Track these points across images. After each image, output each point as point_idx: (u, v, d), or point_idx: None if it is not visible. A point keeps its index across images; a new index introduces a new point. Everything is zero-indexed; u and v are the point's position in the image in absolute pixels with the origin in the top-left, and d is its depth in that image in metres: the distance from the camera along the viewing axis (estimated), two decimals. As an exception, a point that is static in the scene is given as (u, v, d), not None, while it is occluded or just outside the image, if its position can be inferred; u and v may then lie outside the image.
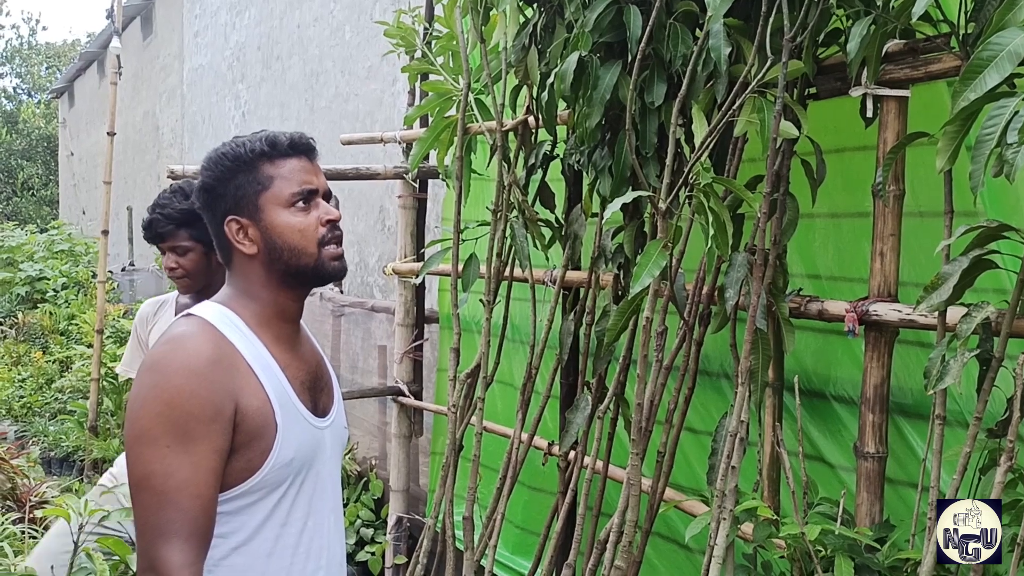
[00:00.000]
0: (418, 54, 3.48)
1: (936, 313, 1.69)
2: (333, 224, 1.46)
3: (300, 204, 1.45)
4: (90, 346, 5.80)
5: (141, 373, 1.34)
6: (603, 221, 2.24)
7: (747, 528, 1.95)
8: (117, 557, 1.81)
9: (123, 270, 10.43)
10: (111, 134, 5.32)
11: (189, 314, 1.43)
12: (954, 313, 1.65)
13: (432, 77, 3.28)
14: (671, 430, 2.16)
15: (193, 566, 1.27)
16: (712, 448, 1.93)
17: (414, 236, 3.65)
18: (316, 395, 1.50)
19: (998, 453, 1.60)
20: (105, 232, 5.41)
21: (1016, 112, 1.44)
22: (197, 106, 9.93)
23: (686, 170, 1.90)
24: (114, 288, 9.17)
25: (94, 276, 8.67)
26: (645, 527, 2.18)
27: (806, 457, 2.15)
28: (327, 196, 1.49)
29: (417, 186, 3.66)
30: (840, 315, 1.89)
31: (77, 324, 7.53)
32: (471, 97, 3.00)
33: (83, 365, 6.36)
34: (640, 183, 2.12)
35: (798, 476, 1.94)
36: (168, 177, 3.39)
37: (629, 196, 1.88)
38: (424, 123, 3.54)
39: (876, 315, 1.83)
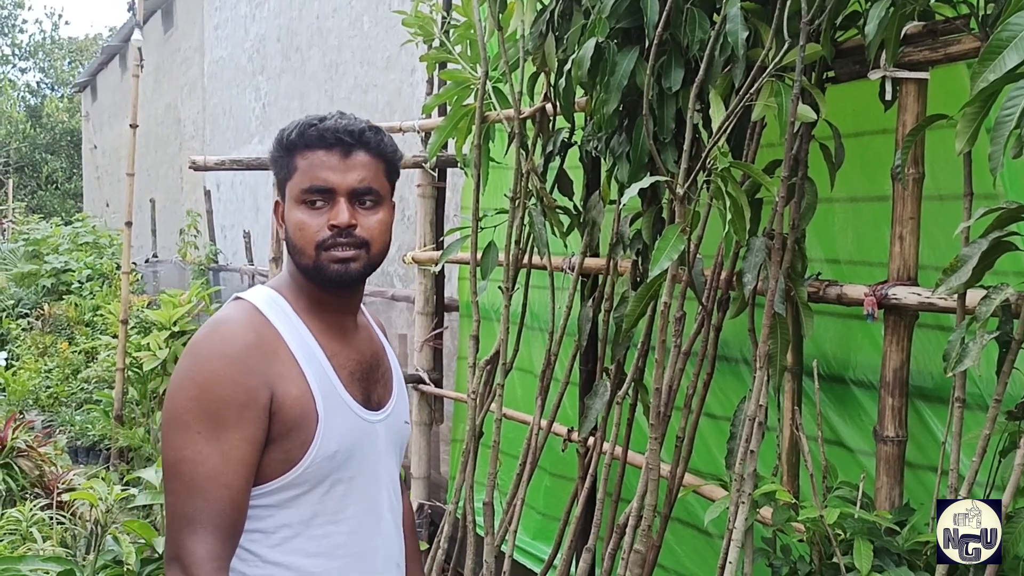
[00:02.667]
0: (436, 43, 3.49)
1: (955, 296, 1.68)
2: (339, 230, 1.32)
3: (312, 202, 1.33)
4: (115, 336, 5.88)
5: (181, 356, 1.33)
6: (620, 207, 2.24)
7: (766, 512, 1.96)
8: (143, 540, 1.85)
9: (146, 262, 10.54)
10: (133, 126, 5.37)
11: (238, 297, 1.39)
12: (973, 296, 1.64)
13: (450, 66, 3.29)
14: (690, 415, 2.17)
15: (217, 560, 1.22)
16: (731, 432, 1.93)
17: (433, 225, 3.67)
18: (369, 387, 1.42)
19: (1018, 436, 1.59)
20: (129, 224, 5.48)
21: (1036, 93, 1.43)
22: (218, 98, 10.00)
23: (704, 155, 1.90)
24: (138, 279, 9.28)
25: (118, 268, 8.76)
26: (664, 512, 2.19)
27: (825, 442, 2.15)
28: (357, 194, 1.34)
29: (436, 175, 3.68)
30: (859, 299, 1.89)
31: (102, 315, 7.62)
32: (489, 85, 3.01)
33: (108, 355, 6.45)
34: (658, 169, 2.13)
35: (817, 460, 1.94)
36: (190, 167, 3.43)
37: (647, 181, 1.88)
38: (442, 112, 3.56)
39: (895, 299, 1.83)
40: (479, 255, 2.75)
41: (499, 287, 2.68)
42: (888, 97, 1.88)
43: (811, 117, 1.84)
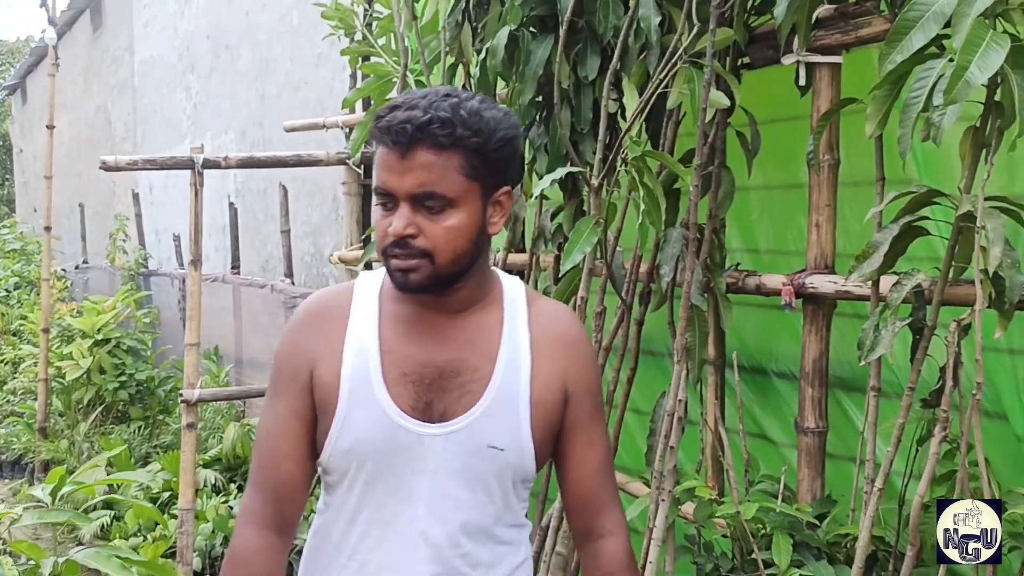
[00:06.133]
0: (358, 36, 3.40)
1: (870, 283, 1.66)
2: (395, 240, 1.19)
3: (379, 204, 1.21)
4: (37, 346, 5.66)
5: None
6: (532, 199, 2.18)
7: (689, 508, 1.92)
8: (33, 561, 1.73)
9: (76, 268, 10.22)
10: (50, 127, 5.17)
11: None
12: (887, 283, 1.61)
13: (373, 59, 3.20)
14: (612, 412, 2.12)
15: (255, 514, 1.28)
16: (650, 428, 1.89)
17: (359, 223, 3.58)
18: (432, 394, 1.25)
19: (933, 424, 1.57)
20: (48, 228, 5.27)
21: (942, 74, 1.41)
22: (149, 99, 9.73)
23: (616, 145, 1.85)
24: (67, 287, 8.97)
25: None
26: (589, 511, 2.13)
27: (749, 434, 2.12)
28: (419, 199, 1.18)
29: (362, 172, 3.59)
30: (777, 289, 1.86)
31: (29, 324, 7.35)
32: (411, 78, 2.93)
33: (31, 365, 6.22)
34: (577, 160, 2.07)
35: (738, 454, 1.90)
36: (100, 168, 3.29)
37: (559, 173, 1.83)
38: (367, 107, 3.47)
39: (812, 287, 1.80)
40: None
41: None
42: (802, 82, 1.85)
43: (724, 103, 1.80)
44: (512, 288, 1.34)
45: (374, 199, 1.23)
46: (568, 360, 1.32)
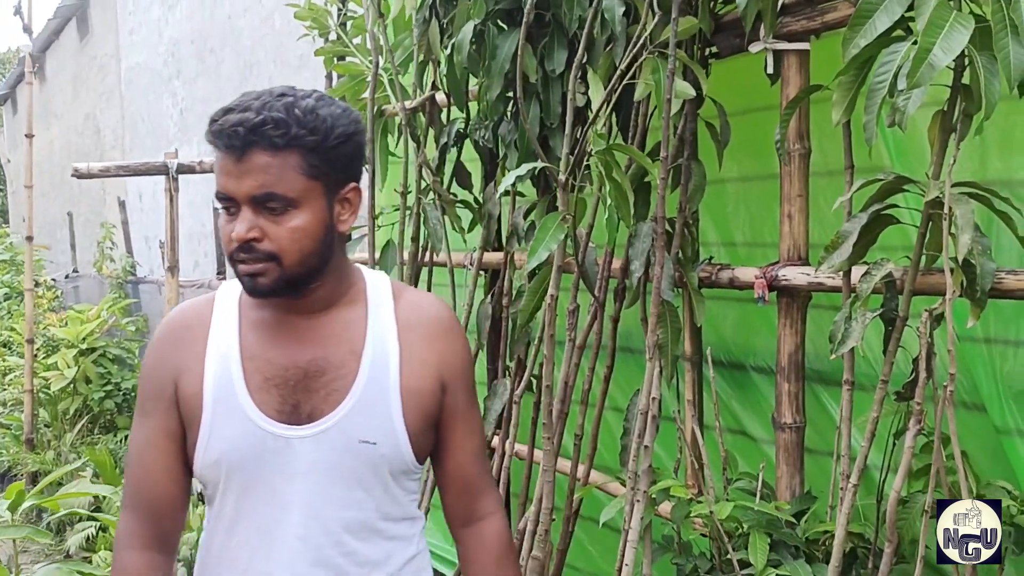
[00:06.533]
0: (332, 36, 3.35)
1: (841, 273, 1.62)
2: (239, 244, 1.16)
3: (223, 209, 1.19)
4: (23, 356, 5.62)
5: None
6: (499, 194, 2.14)
7: (667, 508, 1.88)
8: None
9: (66, 277, 10.17)
10: (29, 136, 5.12)
11: None
12: (859, 273, 1.57)
13: (349, 59, 3.16)
14: (588, 411, 2.08)
15: (134, 536, 1.27)
16: (624, 428, 1.85)
17: (339, 225, 3.53)
18: (297, 396, 1.23)
19: (908, 417, 1.53)
20: (30, 239, 5.22)
21: (907, 58, 1.37)
22: (136, 106, 9.68)
23: (581, 138, 1.81)
24: (58, 296, 8.92)
25: (37, 285, 8.43)
26: (567, 513, 2.09)
27: (728, 431, 2.08)
28: (260, 201, 1.15)
29: (340, 173, 3.54)
30: (751, 282, 1.82)
31: (17, 335, 7.30)
32: (385, 77, 2.89)
33: (19, 376, 6.17)
34: (547, 156, 2.03)
35: (715, 451, 1.86)
36: (72, 175, 3.25)
37: (523, 169, 1.78)
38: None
39: (785, 280, 1.76)
40: (377, 254, 2.64)
41: (393, 286, 2.56)
42: (771, 71, 1.81)
43: (690, 93, 1.76)
44: (376, 282, 1.32)
45: (218, 205, 1.21)
46: (441, 347, 1.30)
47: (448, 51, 2.22)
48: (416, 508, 1.34)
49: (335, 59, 3.46)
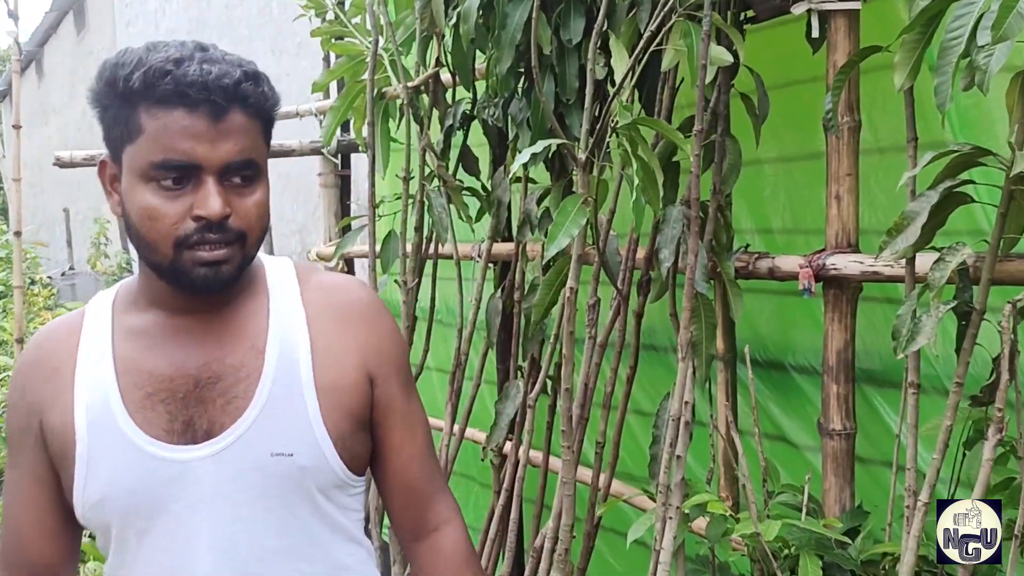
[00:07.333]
0: (330, 15, 3.16)
1: (903, 261, 1.42)
2: (208, 223, 0.98)
3: (166, 182, 0.97)
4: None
5: None
6: (510, 177, 1.95)
7: (702, 524, 1.69)
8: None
9: (63, 275, 10.01)
10: (16, 127, 4.92)
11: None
12: (924, 261, 1.38)
13: (348, 40, 2.96)
14: (610, 416, 1.89)
15: None
16: (653, 436, 1.66)
17: (338, 216, 3.35)
18: (188, 411, 1.05)
19: (984, 424, 1.34)
20: (18, 234, 5.02)
21: (988, 7, 1.17)
22: (134, 99, 9.53)
23: (603, 112, 1.62)
24: (54, 294, 8.75)
25: (32, 283, 8.22)
26: (588, 528, 1.90)
27: (767, 437, 1.89)
28: (232, 170, 0.99)
29: (339, 162, 3.35)
30: (794, 272, 1.62)
31: (6, 334, 7.12)
32: (385, 57, 2.70)
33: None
34: (562, 134, 1.84)
35: (755, 462, 1.67)
36: (54, 164, 3.06)
37: (539, 146, 1.59)
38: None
39: (834, 269, 1.56)
40: (378, 247, 2.45)
41: (396, 281, 2.37)
42: (815, 34, 1.61)
43: (727, 60, 1.57)
44: (277, 267, 1.15)
45: (145, 178, 0.98)
46: (361, 333, 1.10)
47: (453, 22, 2.02)
48: (360, 530, 1.15)
49: (332, 40, 3.28)
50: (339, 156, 3.31)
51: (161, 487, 1.03)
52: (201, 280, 1.00)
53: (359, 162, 3.81)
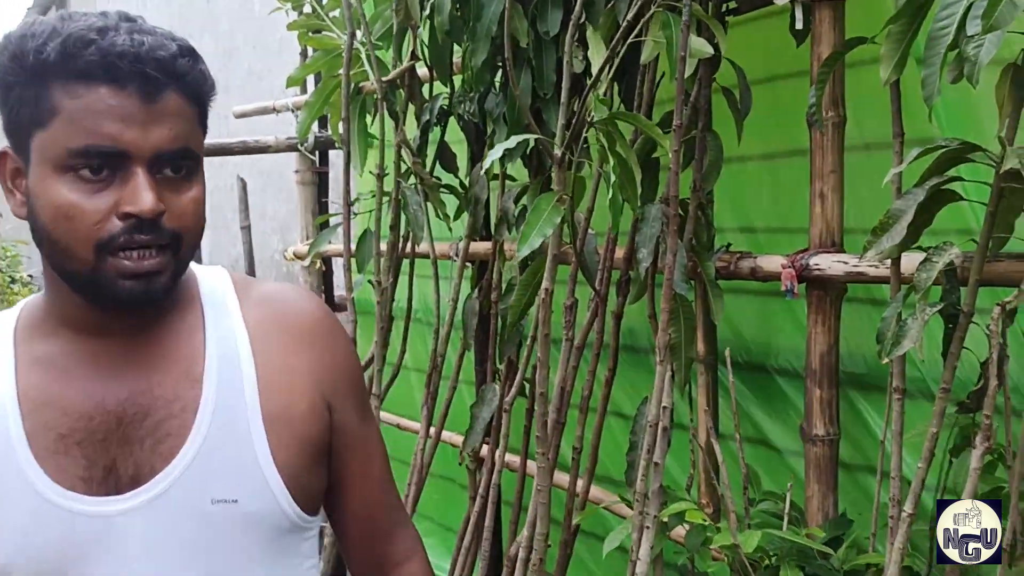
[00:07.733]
0: (307, 9, 3.10)
1: (889, 261, 1.37)
2: (138, 221, 0.82)
3: (85, 172, 0.82)
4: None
5: None
6: (484, 171, 1.89)
7: (680, 532, 1.63)
8: None
9: (44, 273, 9.88)
10: (-8, 123, 4.84)
11: None
12: (910, 261, 1.33)
13: (325, 33, 2.90)
14: (587, 419, 1.83)
15: None
16: (631, 441, 1.60)
17: (315, 214, 3.28)
18: (110, 454, 0.88)
19: (972, 431, 1.29)
20: (-8, 232, 4.94)
21: (974, -2, 1.12)
22: (116, 95, 9.44)
23: (580, 107, 1.56)
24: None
25: (12, 281, 8.10)
26: (564, 536, 1.85)
27: (749, 442, 1.84)
28: (165, 161, 0.84)
29: (316, 159, 3.29)
30: (776, 272, 1.57)
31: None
32: (362, 52, 2.64)
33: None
34: (540, 129, 1.78)
35: (736, 468, 1.62)
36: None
37: (512, 141, 1.53)
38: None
39: (818, 269, 1.51)
40: (353, 245, 2.39)
41: (369, 281, 2.31)
42: (799, 26, 1.56)
43: (707, 51, 1.51)
44: (211, 278, 0.98)
45: (58, 168, 0.82)
46: (314, 354, 0.95)
47: (428, 13, 1.96)
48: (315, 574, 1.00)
49: (309, 33, 3.21)
50: (317, 153, 3.24)
51: (78, 548, 0.87)
52: (127, 294, 0.84)
53: (338, 159, 3.74)
